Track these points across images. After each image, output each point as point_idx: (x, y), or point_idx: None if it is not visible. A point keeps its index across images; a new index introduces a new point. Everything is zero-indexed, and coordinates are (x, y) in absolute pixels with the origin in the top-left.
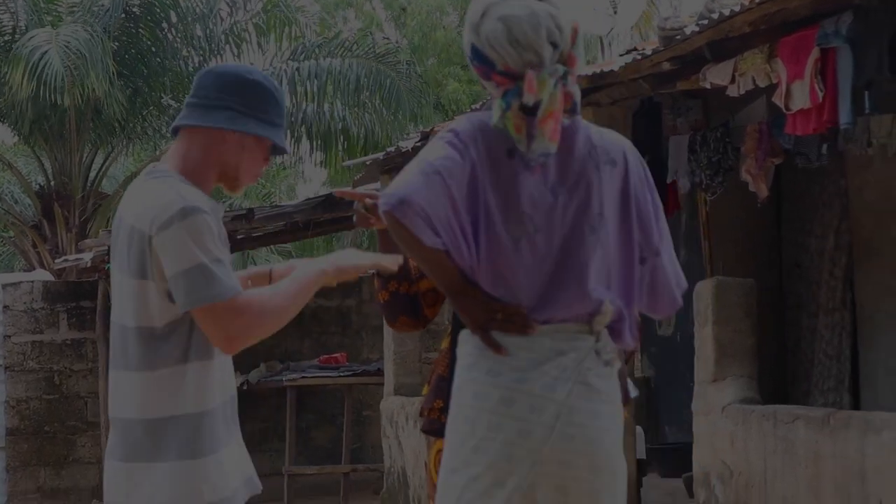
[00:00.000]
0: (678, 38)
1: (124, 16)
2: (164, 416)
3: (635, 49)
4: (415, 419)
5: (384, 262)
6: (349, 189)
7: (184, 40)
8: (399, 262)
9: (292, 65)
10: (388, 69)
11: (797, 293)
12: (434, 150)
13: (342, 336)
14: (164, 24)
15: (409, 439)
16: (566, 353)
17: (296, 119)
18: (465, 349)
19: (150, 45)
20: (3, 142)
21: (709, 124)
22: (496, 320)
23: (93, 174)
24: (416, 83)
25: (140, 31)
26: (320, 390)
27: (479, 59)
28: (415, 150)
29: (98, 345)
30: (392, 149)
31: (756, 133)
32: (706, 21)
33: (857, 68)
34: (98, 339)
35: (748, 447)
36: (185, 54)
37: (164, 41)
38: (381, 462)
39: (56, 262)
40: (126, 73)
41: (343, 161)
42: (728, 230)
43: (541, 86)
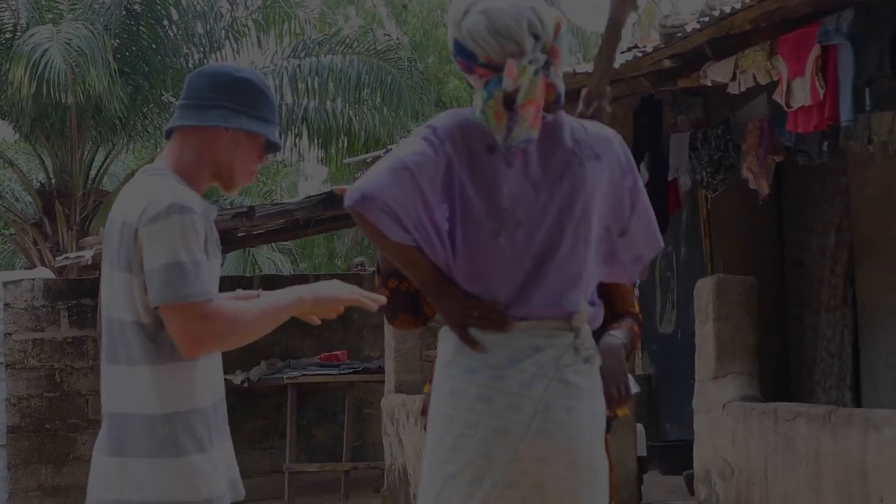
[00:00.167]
0: (679, 35)
1: (125, 13)
2: (167, 411)
3: (636, 46)
4: (416, 417)
5: (366, 301)
6: (350, 187)
7: (184, 37)
8: (381, 302)
9: (293, 62)
10: (389, 66)
11: (800, 291)
12: (407, 146)
13: (343, 333)
14: (165, 22)
15: (409, 437)
16: (544, 349)
17: (297, 116)
18: (444, 346)
19: (151, 42)
20: (4, 139)
21: (710, 122)
22: (473, 317)
23: (94, 172)
24: (417, 79)
25: (141, 28)
26: (321, 388)
27: (462, 54)
28: None
29: (99, 342)
30: (393, 146)
31: (757, 130)
32: (707, 18)
33: (858, 65)
34: (99, 336)
35: (749, 444)
36: (185, 52)
37: (164, 38)
38: (381, 460)
39: (57, 259)
40: (127, 70)
41: (344, 159)
42: (729, 228)
43: (521, 72)
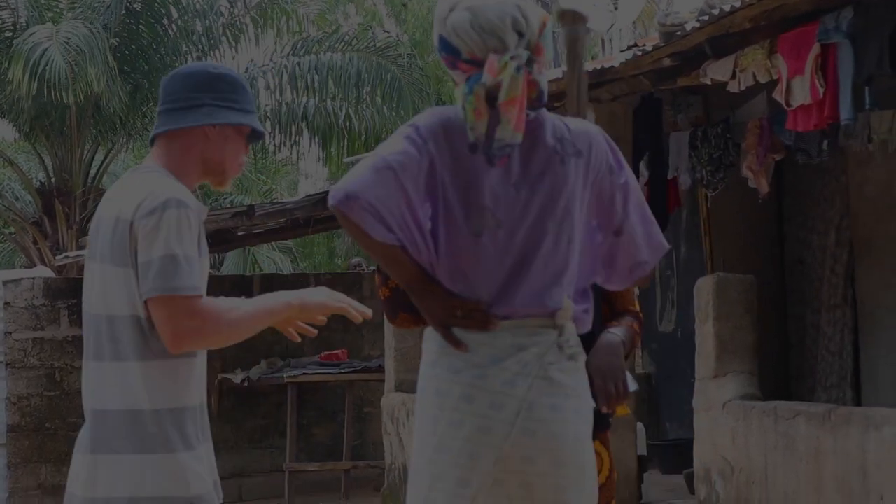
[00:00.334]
0: (679, 34)
1: (125, 12)
2: (156, 407)
3: (636, 45)
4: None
5: (352, 311)
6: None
7: (183, 36)
8: (367, 315)
9: (293, 60)
10: (388, 63)
11: (800, 289)
12: (390, 144)
13: (343, 333)
14: (165, 20)
15: (410, 436)
16: (527, 348)
17: (296, 115)
18: (428, 346)
19: (151, 41)
20: (4, 138)
21: (709, 120)
22: (456, 317)
23: (93, 171)
24: (417, 77)
25: (140, 27)
26: (321, 387)
27: (446, 49)
28: None
29: None
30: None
31: (757, 129)
32: (707, 17)
33: (858, 64)
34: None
35: (749, 443)
36: (184, 50)
37: (164, 37)
38: (381, 459)
39: (57, 258)
40: (127, 69)
41: (344, 157)
42: (729, 226)
43: (502, 68)
